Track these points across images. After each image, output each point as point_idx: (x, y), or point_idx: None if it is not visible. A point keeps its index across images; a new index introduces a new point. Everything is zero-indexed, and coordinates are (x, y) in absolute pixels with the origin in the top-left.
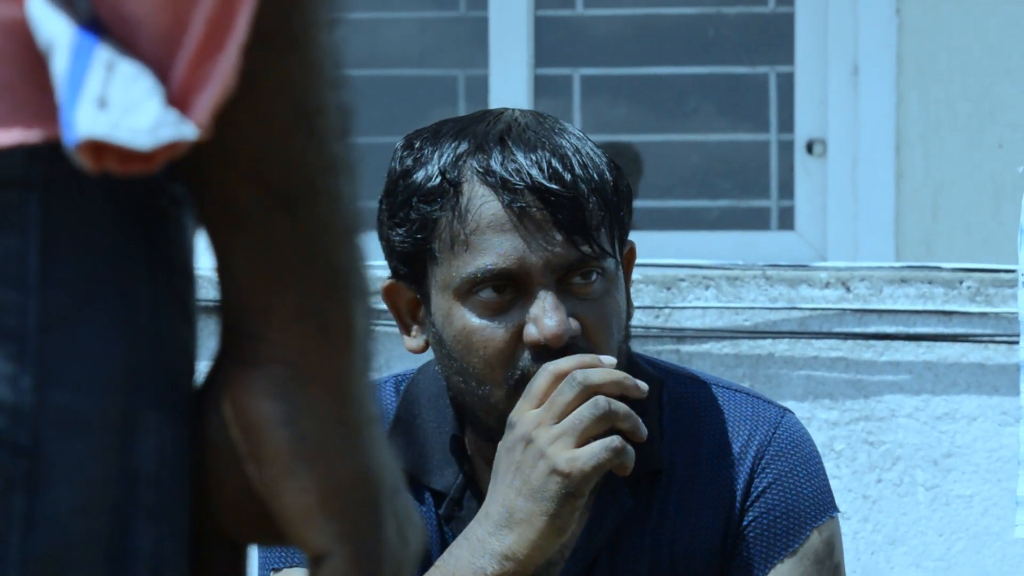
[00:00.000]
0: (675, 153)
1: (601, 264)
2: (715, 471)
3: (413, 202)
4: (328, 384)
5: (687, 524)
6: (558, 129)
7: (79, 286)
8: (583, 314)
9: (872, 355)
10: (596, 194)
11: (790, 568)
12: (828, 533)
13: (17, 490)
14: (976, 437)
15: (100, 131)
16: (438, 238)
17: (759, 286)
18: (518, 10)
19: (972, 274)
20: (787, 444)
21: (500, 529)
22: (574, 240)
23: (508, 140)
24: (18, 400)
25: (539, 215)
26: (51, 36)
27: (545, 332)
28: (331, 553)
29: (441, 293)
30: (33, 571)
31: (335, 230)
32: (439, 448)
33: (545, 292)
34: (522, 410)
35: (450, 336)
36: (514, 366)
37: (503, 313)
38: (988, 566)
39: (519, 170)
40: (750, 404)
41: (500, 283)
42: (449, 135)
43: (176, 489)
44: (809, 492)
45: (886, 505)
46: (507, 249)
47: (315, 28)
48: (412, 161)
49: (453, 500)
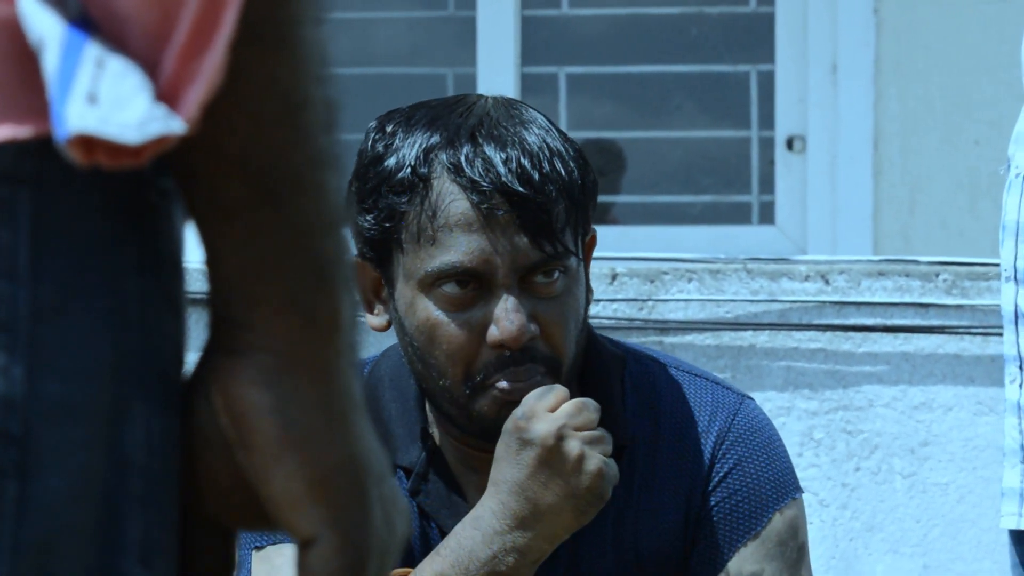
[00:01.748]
0: (658, 149)
1: (564, 263)
2: (675, 452)
3: (382, 191)
4: (315, 373)
5: (650, 506)
6: (527, 122)
7: (69, 278)
8: (543, 314)
9: (851, 346)
10: (563, 194)
11: (753, 551)
12: (791, 514)
13: (8, 478)
14: (952, 426)
15: (90, 126)
16: (406, 229)
17: (740, 279)
18: (505, 9)
19: (948, 267)
20: (746, 429)
21: (522, 524)
22: (539, 242)
23: (479, 136)
24: (9, 390)
25: (506, 217)
26: (42, 33)
27: (504, 335)
28: (319, 538)
29: (406, 282)
30: (24, 558)
31: (321, 222)
32: (403, 426)
33: (507, 294)
34: (537, 410)
35: (412, 325)
36: (475, 363)
37: (465, 309)
38: (964, 552)
39: (489, 170)
40: (710, 390)
41: (464, 279)
42: (422, 123)
43: (165, 477)
44: (770, 475)
45: (864, 493)
46: (473, 248)
47: (301, 24)
48: (383, 147)
49: (419, 475)
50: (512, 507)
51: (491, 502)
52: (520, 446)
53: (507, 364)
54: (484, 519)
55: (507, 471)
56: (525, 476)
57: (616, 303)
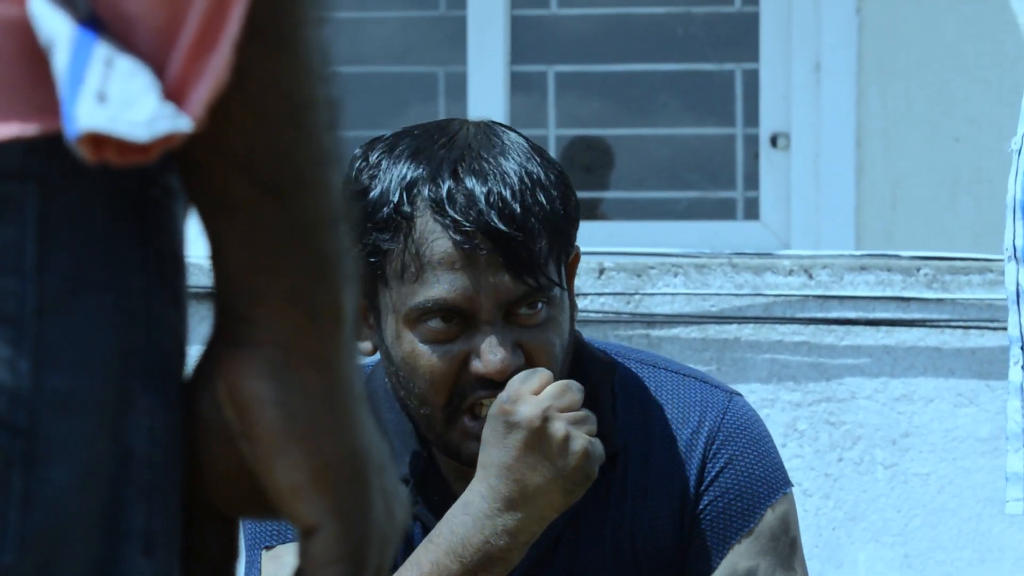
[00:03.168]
0: (645, 147)
1: (547, 294)
2: (667, 455)
3: (367, 227)
4: (317, 365)
5: (644, 507)
6: (508, 150)
7: (75, 273)
8: (528, 343)
9: (833, 339)
10: (546, 226)
11: (747, 547)
12: (782, 510)
13: (15, 469)
14: (932, 418)
15: (100, 124)
16: (389, 265)
17: (725, 274)
18: (495, 9)
19: (929, 262)
20: (736, 427)
21: (511, 505)
22: (522, 277)
23: (460, 171)
24: (16, 383)
25: (488, 256)
26: (52, 34)
27: (489, 368)
28: (321, 526)
29: (391, 314)
30: (31, 547)
31: (323, 218)
32: (398, 437)
33: (491, 328)
34: (522, 392)
35: (398, 356)
36: (456, 394)
37: (449, 342)
38: (944, 541)
39: (471, 208)
40: (698, 389)
41: (447, 315)
42: (405, 155)
43: (168, 467)
44: (760, 473)
45: (847, 483)
46: (456, 286)
47: (304, 26)
48: (368, 178)
49: (414, 485)
50: (501, 490)
51: (480, 486)
52: (506, 429)
53: (489, 387)
54: (474, 503)
55: (494, 454)
56: (512, 459)
57: (603, 297)
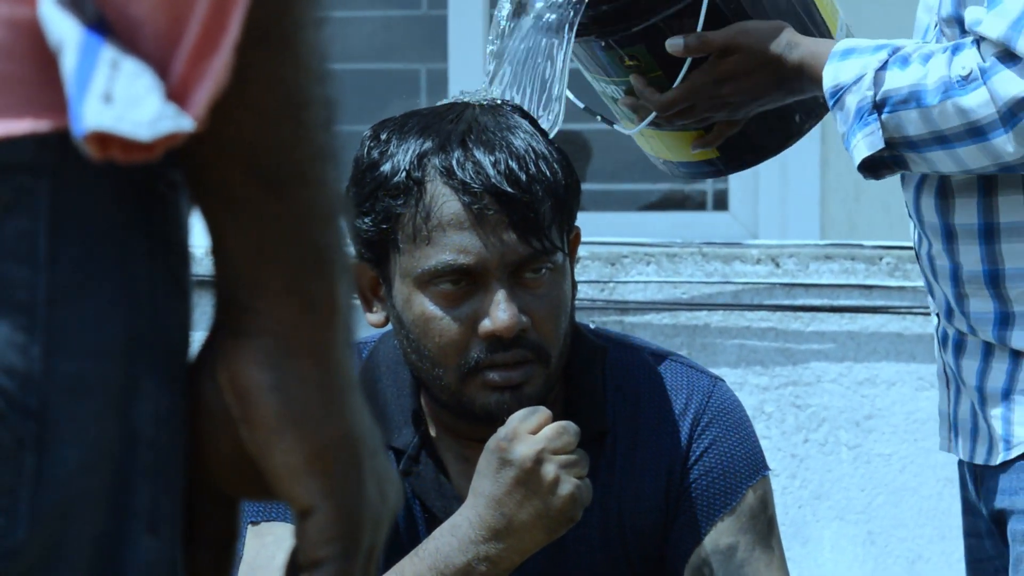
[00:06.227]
0: (620, 141)
1: (551, 259)
2: (655, 435)
3: (379, 195)
4: (314, 354)
5: (632, 484)
6: (514, 127)
7: (84, 263)
8: (533, 308)
9: (799, 326)
10: (549, 194)
11: (729, 524)
12: (762, 490)
13: (27, 450)
14: (895, 401)
15: (106, 124)
16: (401, 230)
17: (696, 262)
18: (474, 8)
19: (891, 251)
20: (720, 410)
21: (495, 536)
22: (527, 238)
23: (469, 141)
24: (28, 367)
25: (496, 216)
26: (61, 36)
27: (498, 325)
28: (316, 508)
29: (402, 279)
30: (41, 524)
31: (321, 212)
32: (397, 410)
33: (499, 286)
34: (519, 432)
35: (409, 320)
36: (466, 354)
37: (459, 304)
38: (905, 518)
39: (479, 173)
40: (685, 373)
41: (457, 276)
42: (414, 131)
43: (172, 449)
44: (742, 454)
45: (812, 463)
46: (466, 246)
47: (303, 27)
48: (378, 154)
49: (411, 457)
50: (488, 520)
51: (470, 512)
52: (500, 464)
53: (497, 348)
54: (461, 528)
55: (486, 485)
56: (502, 493)
57: (579, 285)
